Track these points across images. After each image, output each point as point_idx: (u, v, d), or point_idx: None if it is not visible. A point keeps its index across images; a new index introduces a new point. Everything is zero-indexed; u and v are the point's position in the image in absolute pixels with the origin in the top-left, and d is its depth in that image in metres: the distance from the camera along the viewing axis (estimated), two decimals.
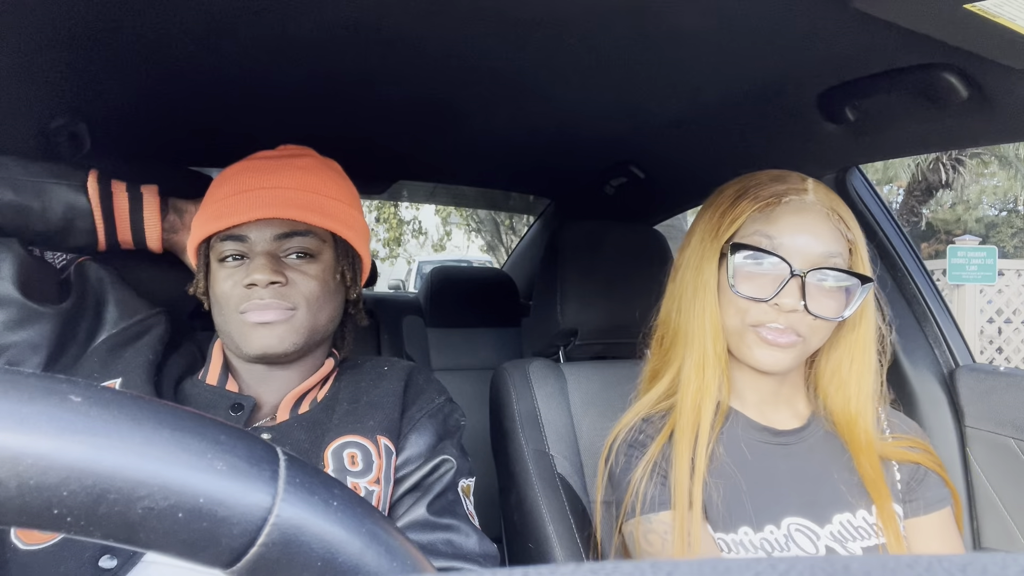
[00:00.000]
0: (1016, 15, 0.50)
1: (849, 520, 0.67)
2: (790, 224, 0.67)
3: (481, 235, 9.40)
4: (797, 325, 0.65)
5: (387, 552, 0.22)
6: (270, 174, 0.71)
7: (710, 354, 0.69)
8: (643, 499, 0.67)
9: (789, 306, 0.64)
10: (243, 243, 0.70)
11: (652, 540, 0.67)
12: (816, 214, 0.67)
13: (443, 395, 0.80)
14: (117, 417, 0.20)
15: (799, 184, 0.70)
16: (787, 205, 0.68)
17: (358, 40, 0.72)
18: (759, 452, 0.70)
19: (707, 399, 0.68)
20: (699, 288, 0.70)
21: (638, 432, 0.73)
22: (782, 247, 0.66)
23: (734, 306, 0.68)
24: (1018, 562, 0.14)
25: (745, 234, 0.69)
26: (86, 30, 0.67)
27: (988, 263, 5.45)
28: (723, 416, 0.70)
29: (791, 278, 0.65)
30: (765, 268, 0.66)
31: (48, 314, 0.68)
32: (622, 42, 0.71)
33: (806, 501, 0.67)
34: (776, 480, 0.68)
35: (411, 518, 0.68)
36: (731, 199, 0.71)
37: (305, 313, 0.70)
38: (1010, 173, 10.46)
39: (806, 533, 0.66)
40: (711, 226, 0.71)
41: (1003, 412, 0.88)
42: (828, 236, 0.66)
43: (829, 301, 0.66)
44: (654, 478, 0.68)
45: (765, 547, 0.65)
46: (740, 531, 0.66)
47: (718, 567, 0.15)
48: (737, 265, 0.67)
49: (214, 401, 0.69)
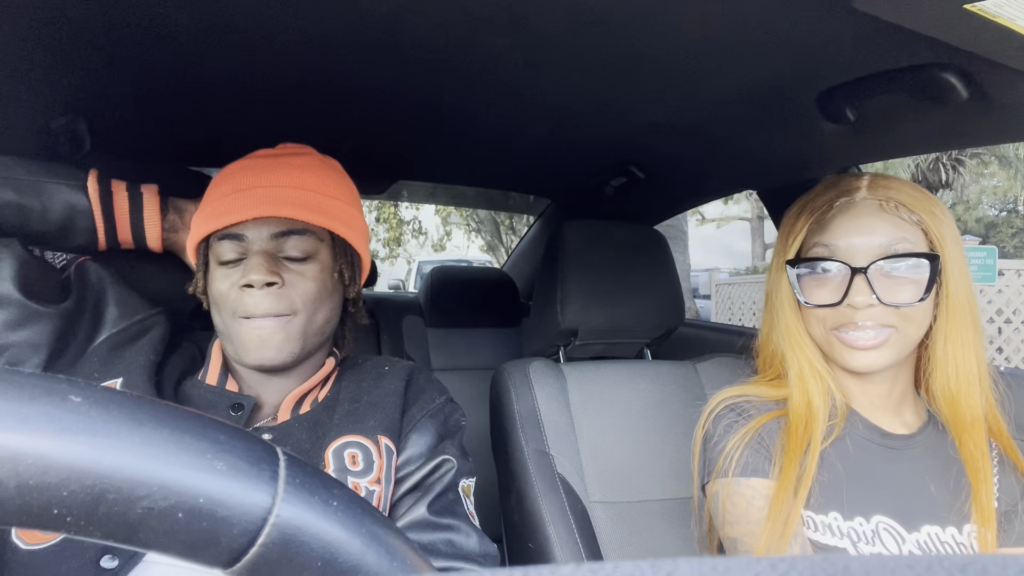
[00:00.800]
0: (1016, 15, 0.50)
1: (937, 534, 0.67)
2: (842, 227, 0.68)
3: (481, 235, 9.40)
4: (883, 318, 0.66)
5: (387, 552, 0.22)
6: (268, 172, 0.71)
7: (805, 366, 0.71)
8: (737, 462, 0.69)
9: (863, 303, 0.65)
10: (241, 242, 0.69)
11: (737, 503, 0.68)
12: (868, 208, 0.68)
13: (444, 395, 0.80)
14: (117, 417, 0.20)
15: (851, 185, 0.71)
16: (838, 209, 0.70)
17: (359, 40, 0.72)
18: (863, 449, 0.70)
19: (815, 408, 0.69)
20: (780, 308, 0.74)
21: (744, 401, 0.74)
22: (838, 250, 0.68)
23: (813, 316, 0.70)
24: (1018, 562, 0.14)
25: (807, 248, 0.71)
26: (86, 29, 0.67)
27: (988, 263, 5.45)
28: (843, 417, 0.71)
29: (854, 276, 0.66)
30: (829, 274, 0.68)
31: (48, 314, 0.68)
32: (622, 42, 0.71)
33: (899, 505, 0.67)
34: (874, 478, 0.69)
35: (411, 518, 0.68)
36: (794, 218, 0.74)
37: (302, 316, 0.70)
38: (1010, 173, 10.46)
39: (893, 534, 0.66)
40: (781, 248, 0.75)
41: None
42: (884, 227, 0.67)
43: (906, 287, 0.66)
44: (751, 446, 0.70)
45: (852, 535, 0.65)
46: (831, 515, 0.66)
47: (718, 567, 0.15)
48: (799, 278, 0.70)
49: (214, 401, 0.69)
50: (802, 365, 0.71)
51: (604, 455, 0.99)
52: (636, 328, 1.12)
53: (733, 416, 0.73)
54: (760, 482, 0.68)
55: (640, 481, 0.98)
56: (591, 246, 1.08)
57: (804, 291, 0.70)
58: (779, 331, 0.74)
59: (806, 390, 0.70)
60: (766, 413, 0.72)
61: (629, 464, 0.99)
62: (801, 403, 0.69)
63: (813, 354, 0.71)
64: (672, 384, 1.08)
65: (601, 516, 0.94)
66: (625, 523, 0.95)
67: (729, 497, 0.68)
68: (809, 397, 0.69)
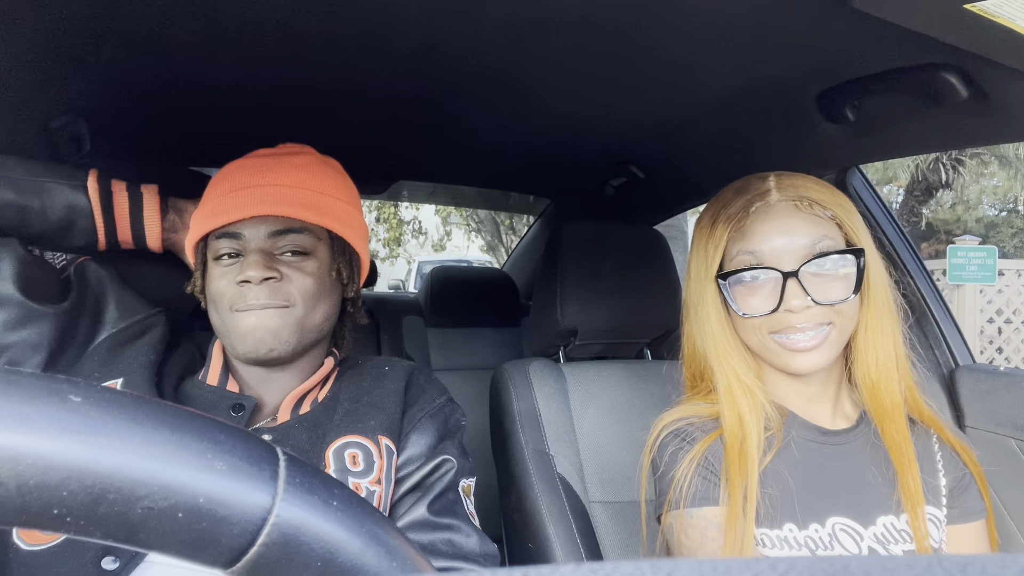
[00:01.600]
0: (1016, 15, 0.50)
1: (893, 523, 0.67)
2: (762, 232, 0.67)
3: (481, 235, 9.40)
4: (820, 317, 0.66)
5: (387, 552, 0.22)
6: (266, 172, 0.71)
7: (733, 381, 0.70)
8: (687, 494, 0.68)
9: (799, 306, 0.65)
10: (238, 241, 0.70)
11: (691, 535, 0.67)
12: (784, 210, 0.68)
13: (444, 395, 0.80)
14: (117, 417, 0.20)
15: (760, 187, 0.70)
16: (755, 214, 0.69)
17: (359, 39, 0.72)
18: (807, 451, 0.70)
19: (747, 424, 0.68)
20: (706, 320, 0.72)
21: (687, 424, 0.73)
22: (765, 256, 0.67)
23: (749, 325, 0.69)
24: (1018, 562, 0.14)
25: (730, 256, 0.70)
26: (87, 30, 0.67)
27: (988, 263, 5.45)
28: (780, 427, 0.70)
29: (786, 280, 0.65)
30: (760, 281, 0.67)
31: (48, 314, 0.68)
32: (622, 42, 0.71)
33: (852, 502, 0.67)
34: (823, 480, 0.69)
35: (412, 518, 0.68)
36: (709, 227, 0.72)
37: (299, 310, 0.70)
38: (1010, 173, 10.46)
39: (850, 533, 0.66)
40: (701, 259, 0.73)
41: (1003, 412, 0.88)
42: (805, 227, 0.67)
43: (836, 284, 0.66)
44: (699, 472, 0.69)
45: (809, 545, 0.65)
46: (785, 528, 0.66)
47: (718, 567, 0.15)
48: (733, 290, 0.69)
49: (215, 402, 0.69)
50: (730, 380, 0.70)
51: (604, 455, 0.99)
52: (636, 328, 1.12)
53: (677, 443, 0.72)
54: (711, 511, 0.67)
55: (640, 481, 0.98)
56: (591, 246, 1.08)
57: (737, 301, 0.69)
58: (706, 344, 0.72)
59: (736, 407, 0.69)
60: (708, 434, 0.71)
61: (629, 464, 0.99)
62: (734, 422, 0.68)
63: (741, 367, 0.70)
64: (672, 384, 1.07)
65: (601, 516, 0.94)
66: (625, 523, 0.94)
67: (683, 529, 0.68)
68: (740, 414, 0.68)
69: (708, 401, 0.74)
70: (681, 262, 0.83)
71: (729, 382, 0.70)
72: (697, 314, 0.74)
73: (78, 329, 0.72)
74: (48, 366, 0.68)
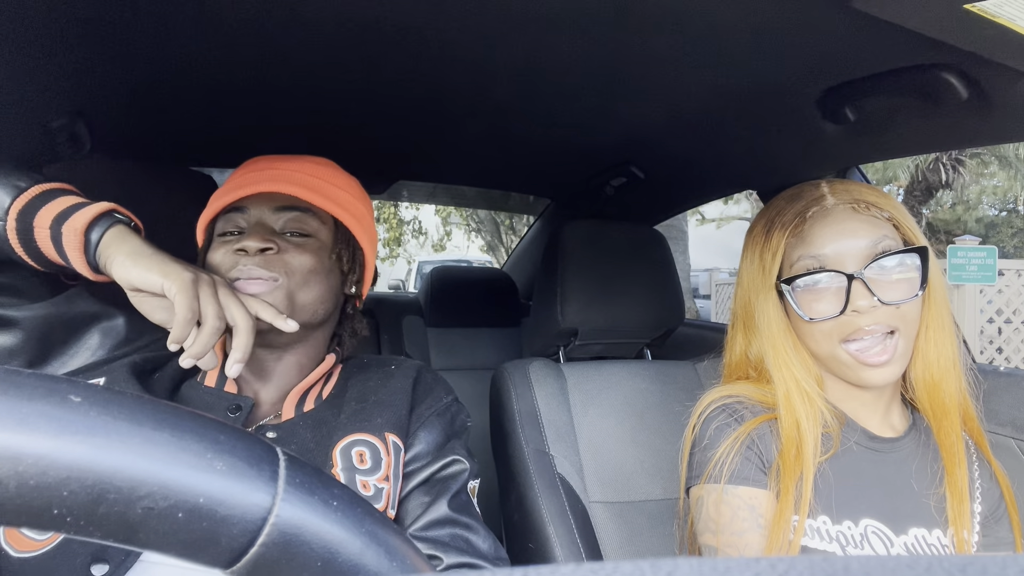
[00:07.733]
0: (1016, 15, 0.50)
1: (924, 536, 0.67)
2: (823, 235, 0.68)
3: (481, 235, 9.40)
4: (886, 319, 0.66)
5: (387, 552, 0.22)
6: (283, 161, 0.74)
7: (792, 387, 0.69)
8: (727, 470, 0.68)
9: (866, 307, 0.65)
10: (243, 215, 0.71)
11: (723, 511, 0.67)
12: (842, 213, 0.68)
13: (451, 395, 0.80)
14: (117, 417, 0.20)
15: (815, 193, 0.71)
16: (813, 219, 0.69)
17: (359, 39, 0.72)
18: (852, 452, 0.70)
19: (804, 431, 0.68)
20: (767, 328, 0.72)
21: (736, 402, 0.73)
22: (828, 259, 0.67)
23: (817, 332, 0.69)
24: (1018, 562, 0.14)
25: (790, 263, 0.70)
26: (87, 30, 0.67)
27: (988, 263, 5.45)
28: (839, 436, 0.70)
29: (851, 282, 0.65)
30: (825, 285, 0.67)
31: (19, 318, 0.65)
32: (622, 42, 0.71)
33: (887, 508, 0.67)
34: (862, 482, 0.68)
35: (434, 516, 0.68)
36: (763, 235, 0.72)
37: (291, 283, 0.68)
38: (1010, 173, 10.47)
39: (881, 537, 0.66)
40: (757, 268, 0.73)
41: (1003, 412, 0.88)
42: (864, 228, 0.67)
43: (902, 284, 0.66)
44: (742, 452, 0.69)
45: (840, 539, 0.65)
46: (819, 519, 0.66)
47: (718, 567, 0.15)
48: (798, 296, 0.69)
49: (212, 403, 0.69)
50: (789, 386, 0.70)
51: (604, 455, 0.99)
52: (636, 328, 1.12)
53: (724, 418, 0.72)
54: (748, 491, 0.67)
55: (640, 481, 0.98)
56: (591, 246, 1.08)
57: (803, 307, 0.68)
58: (764, 350, 0.72)
59: (794, 413, 0.68)
60: (757, 416, 0.71)
61: (629, 464, 0.99)
62: (791, 427, 0.68)
63: (801, 373, 0.70)
64: (672, 384, 1.08)
65: (601, 516, 0.94)
66: (625, 523, 0.95)
67: (716, 504, 0.68)
68: (797, 420, 0.68)
69: (761, 388, 0.74)
70: (681, 262, 0.83)
71: (788, 388, 0.69)
72: (756, 322, 0.73)
73: (72, 332, 0.69)
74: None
